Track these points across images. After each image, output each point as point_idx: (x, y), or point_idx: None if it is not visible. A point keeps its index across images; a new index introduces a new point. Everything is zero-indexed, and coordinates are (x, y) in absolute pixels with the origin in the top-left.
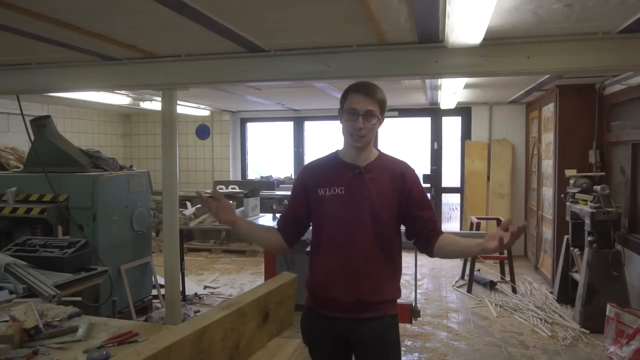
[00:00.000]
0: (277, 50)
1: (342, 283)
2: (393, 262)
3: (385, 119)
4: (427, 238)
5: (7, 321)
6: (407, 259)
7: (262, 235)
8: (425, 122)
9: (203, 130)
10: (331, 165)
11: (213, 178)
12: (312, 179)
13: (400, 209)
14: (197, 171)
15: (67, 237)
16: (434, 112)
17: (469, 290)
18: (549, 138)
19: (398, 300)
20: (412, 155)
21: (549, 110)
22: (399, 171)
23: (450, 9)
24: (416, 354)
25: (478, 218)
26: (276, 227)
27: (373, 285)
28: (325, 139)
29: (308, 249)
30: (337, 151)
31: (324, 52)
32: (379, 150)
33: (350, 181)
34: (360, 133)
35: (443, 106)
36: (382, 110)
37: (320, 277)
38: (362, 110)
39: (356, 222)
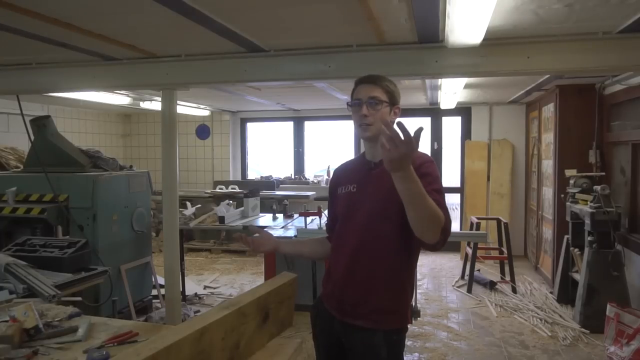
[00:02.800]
0: (277, 50)
1: (340, 281)
2: (393, 269)
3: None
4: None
5: (7, 321)
6: None
7: (312, 249)
8: (425, 122)
9: (203, 130)
10: (353, 164)
11: (213, 178)
12: (336, 179)
13: None
14: (197, 171)
15: (67, 237)
16: (434, 112)
17: (469, 290)
18: (549, 138)
19: None
20: None
21: (549, 110)
22: None
23: (450, 9)
24: (416, 354)
25: (478, 218)
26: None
27: (366, 288)
28: (326, 139)
29: None
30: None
31: (324, 52)
32: None
33: (362, 178)
34: (366, 121)
35: (443, 106)
36: (391, 98)
37: (329, 274)
38: (364, 97)
39: (359, 220)
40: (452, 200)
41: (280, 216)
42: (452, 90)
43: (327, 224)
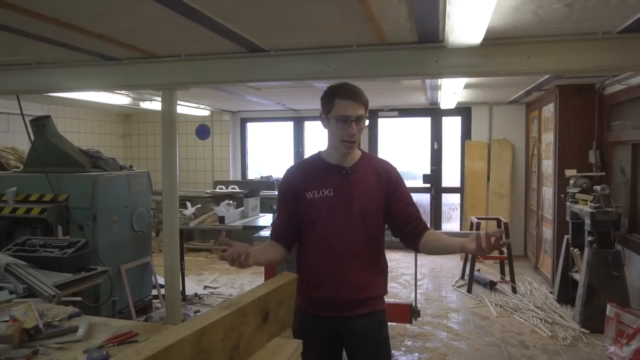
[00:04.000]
0: (277, 50)
1: (333, 282)
2: (380, 260)
3: (385, 119)
4: (414, 233)
5: (7, 321)
6: (408, 259)
7: (275, 256)
8: (425, 122)
9: (203, 130)
10: (316, 168)
11: (213, 178)
12: (299, 182)
13: (385, 207)
14: (197, 171)
15: (67, 237)
16: (434, 112)
17: (469, 290)
18: (549, 138)
19: (397, 300)
20: (412, 155)
21: (549, 110)
22: (384, 170)
23: (450, 9)
24: (416, 354)
25: (478, 218)
26: (270, 237)
27: (363, 283)
28: (325, 139)
29: None
30: (320, 153)
31: (324, 52)
32: (361, 150)
33: (338, 182)
34: (354, 139)
35: (443, 106)
36: (367, 111)
37: (312, 278)
38: (354, 116)
39: (346, 222)
40: (452, 200)
41: None
42: (452, 90)
43: (277, 226)
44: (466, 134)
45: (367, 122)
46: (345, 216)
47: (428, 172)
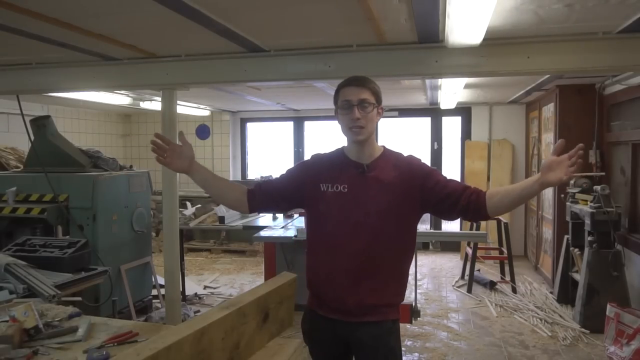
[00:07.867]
0: (277, 50)
1: (343, 283)
2: (397, 264)
3: (385, 119)
4: (473, 203)
5: (7, 321)
6: None
7: (220, 191)
8: (425, 122)
9: (203, 130)
10: (336, 162)
11: None
12: (317, 171)
13: (412, 204)
14: None
15: (67, 237)
16: (434, 112)
17: (469, 290)
18: (549, 138)
19: None
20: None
21: (549, 110)
22: (405, 164)
23: (450, 9)
24: (416, 354)
25: None
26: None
27: (374, 286)
28: (325, 138)
29: None
30: (343, 147)
31: (324, 52)
32: (384, 147)
33: (354, 179)
34: (359, 123)
35: (443, 106)
36: (378, 99)
37: (322, 277)
38: (355, 100)
39: (359, 221)
40: None
41: (280, 216)
42: (452, 90)
43: (266, 184)
44: (466, 134)
45: (377, 111)
46: (358, 215)
47: None
